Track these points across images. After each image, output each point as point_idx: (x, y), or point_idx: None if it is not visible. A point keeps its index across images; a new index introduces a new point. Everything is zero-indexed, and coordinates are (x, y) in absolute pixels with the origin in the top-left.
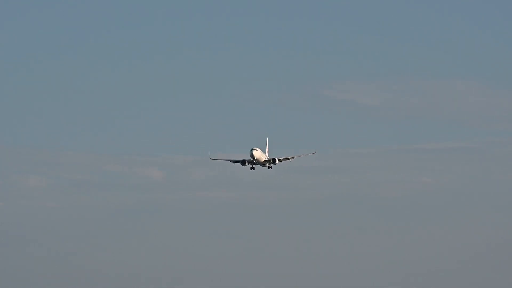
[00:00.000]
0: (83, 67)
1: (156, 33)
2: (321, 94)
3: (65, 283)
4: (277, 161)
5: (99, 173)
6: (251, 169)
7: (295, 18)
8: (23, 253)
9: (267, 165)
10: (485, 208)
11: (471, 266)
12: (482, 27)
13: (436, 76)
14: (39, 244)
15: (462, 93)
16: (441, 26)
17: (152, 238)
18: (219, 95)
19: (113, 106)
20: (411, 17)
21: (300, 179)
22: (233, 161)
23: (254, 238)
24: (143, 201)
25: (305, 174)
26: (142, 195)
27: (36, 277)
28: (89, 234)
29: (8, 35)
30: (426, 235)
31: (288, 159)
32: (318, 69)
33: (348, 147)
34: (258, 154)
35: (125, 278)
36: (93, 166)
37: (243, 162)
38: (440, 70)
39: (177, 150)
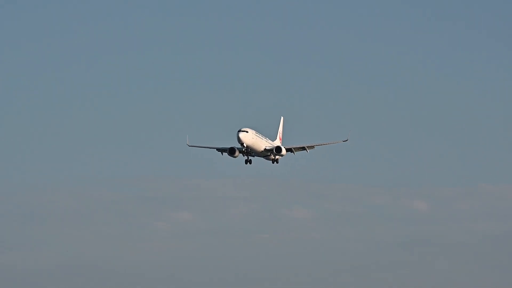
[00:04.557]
0: None
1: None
2: None
3: None
4: (283, 151)
5: (364, 205)
6: (246, 163)
7: None
8: (287, 285)
9: (271, 156)
10: None
11: None
12: None
13: None
14: (302, 276)
15: None
16: None
17: (418, 271)
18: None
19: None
20: None
21: None
22: (220, 150)
23: None
24: (409, 234)
25: None
26: (408, 228)
27: None
28: (353, 268)
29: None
30: None
31: (304, 148)
32: None
33: None
34: (249, 138)
35: None
36: (358, 198)
37: (231, 151)
38: None
39: (441, 180)
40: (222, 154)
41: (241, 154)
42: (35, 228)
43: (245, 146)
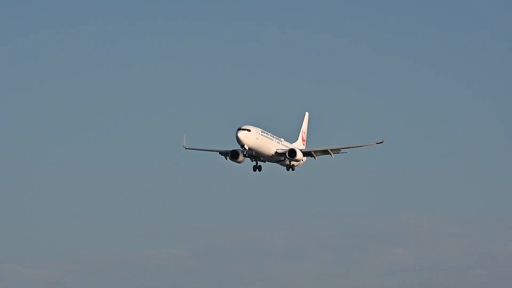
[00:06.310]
0: None
1: None
2: None
3: None
4: (298, 155)
5: None
6: (254, 170)
7: None
8: None
9: (286, 162)
10: None
11: None
12: None
13: None
14: None
15: None
16: None
17: None
18: None
19: None
20: None
21: None
22: (223, 153)
23: None
24: None
25: None
26: None
27: None
28: None
29: None
30: None
31: (327, 151)
32: None
33: None
34: (251, 138)
35: None
36: None
37: (233, 155)
38: None
39: None
40: (226, 158)
41: (248, 159)
42: (245, 265)
43: (247, 148)
